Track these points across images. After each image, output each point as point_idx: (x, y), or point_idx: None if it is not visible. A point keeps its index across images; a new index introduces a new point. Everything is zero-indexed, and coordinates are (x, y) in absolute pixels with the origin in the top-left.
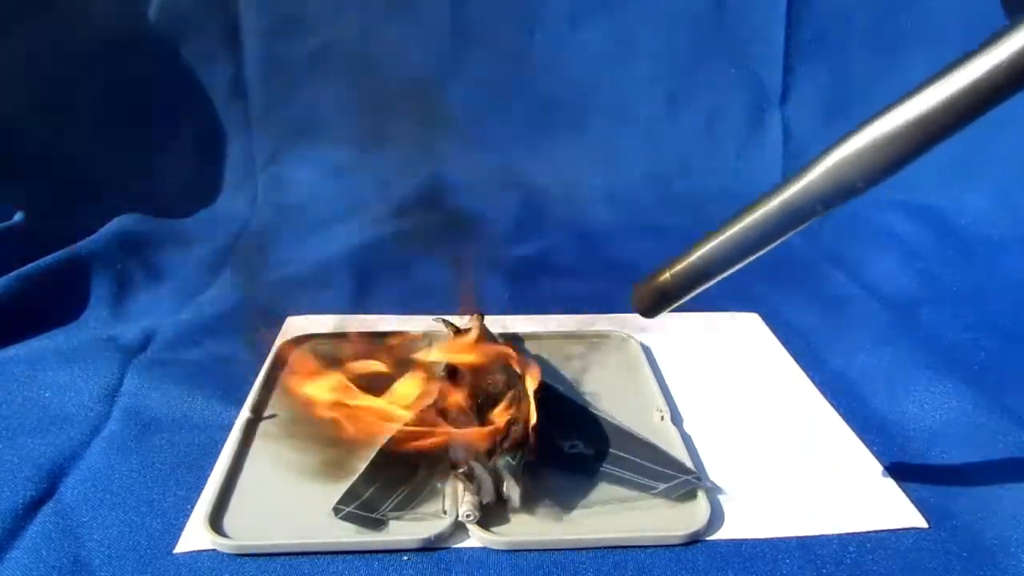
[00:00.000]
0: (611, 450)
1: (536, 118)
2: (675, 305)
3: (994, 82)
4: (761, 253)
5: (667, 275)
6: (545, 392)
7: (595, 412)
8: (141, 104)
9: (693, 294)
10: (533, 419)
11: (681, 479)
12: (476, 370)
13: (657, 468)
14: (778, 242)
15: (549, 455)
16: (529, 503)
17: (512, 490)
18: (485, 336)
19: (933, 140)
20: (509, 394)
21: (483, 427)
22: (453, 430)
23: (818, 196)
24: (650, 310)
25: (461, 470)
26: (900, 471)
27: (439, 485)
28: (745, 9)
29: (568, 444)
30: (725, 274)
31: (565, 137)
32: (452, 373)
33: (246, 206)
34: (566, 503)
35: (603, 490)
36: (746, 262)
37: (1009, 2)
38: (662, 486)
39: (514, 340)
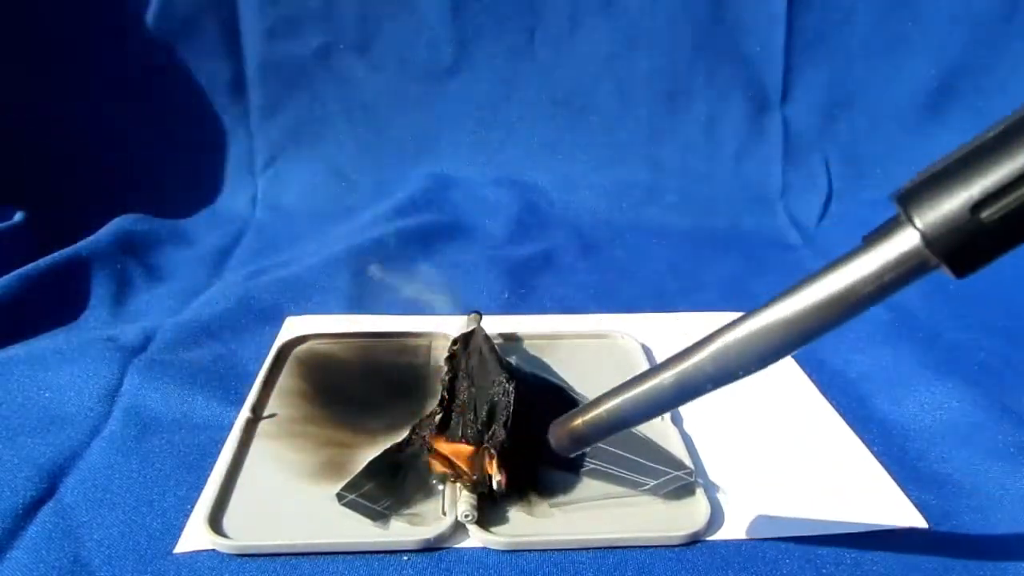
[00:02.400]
0: (605, 447)
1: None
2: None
3: (878, 284)
4: (671, 410)
5: (580, 422)
6: (543, 388)
7: None
8: (141, 104)
9: (609, 437)
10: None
11: (671, 475)
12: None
13: (649, 464)
14: (686, 403)
15: (545, 452)
16: (528, 502)
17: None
18: (481, 338)
19: (806, 340)
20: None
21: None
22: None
23: (708, 376)
24: (566, 450)
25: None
26: (900, 471)
27: (439, 487)
28: (745, 9)
29: None
30: (636, 425)
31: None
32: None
33: (246, 206)
34: (561, 500)
35: (596, 487)
36: (656, 416)
37: None
38: (652, 483)
39: (513, 340)
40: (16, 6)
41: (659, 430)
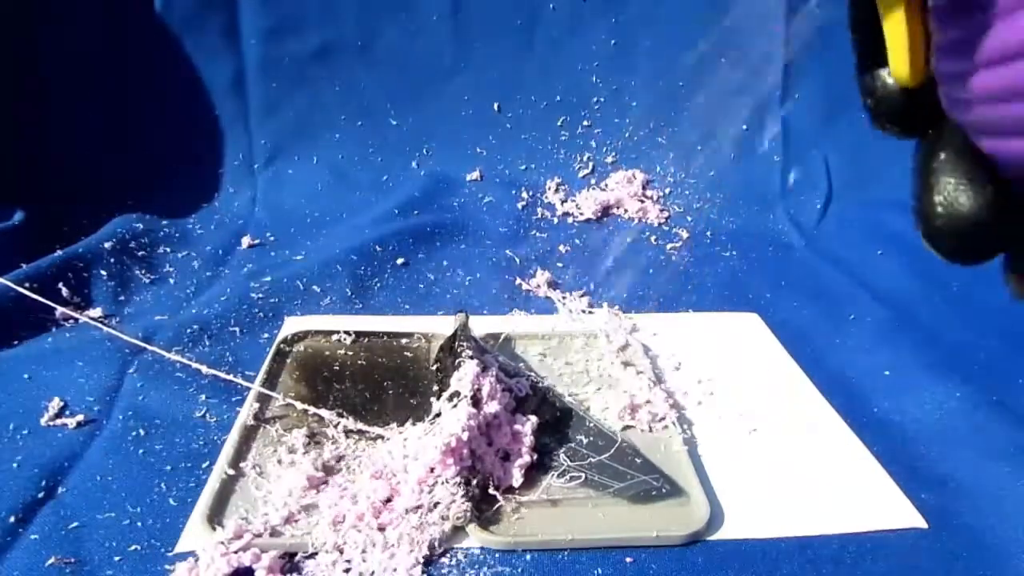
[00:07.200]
0: (577, 448)
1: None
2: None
3: None
4: None
5: None
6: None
7: (573, 409)
8: (141, 103)
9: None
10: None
11: (638, 479)
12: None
13: (619, 467)
14: None
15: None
16: (495, 500)
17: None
18: (466, 337)
19: None
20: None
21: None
22: None
23: None
24: None
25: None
26: (900, 471)
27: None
28: (745, 8)
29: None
30: None
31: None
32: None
33: (246, 206)
34: (528, 500)
35: (564, 488)
36: None
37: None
38: (618, 485)
39: (504, 341)
40: (16, 7)
41: (659, 429)
